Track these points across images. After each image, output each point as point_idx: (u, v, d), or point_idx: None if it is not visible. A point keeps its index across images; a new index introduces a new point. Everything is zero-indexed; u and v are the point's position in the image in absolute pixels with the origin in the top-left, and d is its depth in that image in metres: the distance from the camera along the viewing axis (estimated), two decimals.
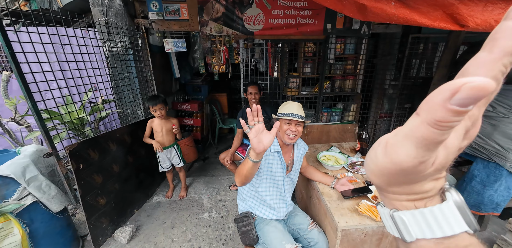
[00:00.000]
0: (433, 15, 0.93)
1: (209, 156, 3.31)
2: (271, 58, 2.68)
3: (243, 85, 2.58)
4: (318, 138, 2.36)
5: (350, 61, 2.53)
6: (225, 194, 2.34)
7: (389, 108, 2.55)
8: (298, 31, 2.37)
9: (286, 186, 1.28)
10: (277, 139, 1.26)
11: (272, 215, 1.24)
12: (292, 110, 1.18)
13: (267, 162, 1.22)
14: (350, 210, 1.14)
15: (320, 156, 1.64)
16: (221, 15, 2.18)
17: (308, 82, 2.56)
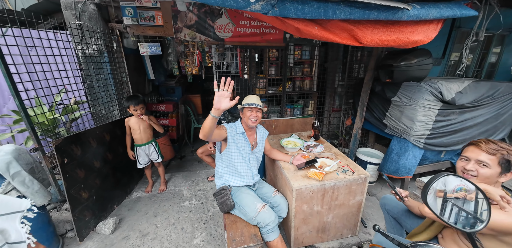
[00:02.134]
0: (342, 36, 1.38)
1: (185, 154, 3.45)
2: (241, 61, 3.01)
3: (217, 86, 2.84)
4: (284, 130, 2.76)
5: (307, 65, 3.01)
6: (204, 185, 2.55)
7: (339, 103, 3.10)
8: (263, 39, 2.75)
9: (251, 160, 1.61)
10: (242, 124, 1.60)
11: (243, 182, 1.55)
12: (252, 100, 1.52)
13: (235, 140, 1.55)
14: (302, 177, 1.51)
15: (282, 141, 2.01)
16: (194, 23, 2.43)
17: (273, 83, 2.96)
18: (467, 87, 1.84)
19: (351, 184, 1.49)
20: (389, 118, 2.17)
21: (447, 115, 1.87)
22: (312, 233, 1.58)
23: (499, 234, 0.83)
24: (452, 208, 0.73)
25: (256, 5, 1.29)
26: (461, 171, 0.96)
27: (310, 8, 1.28)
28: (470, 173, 0.93)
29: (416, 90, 1.90)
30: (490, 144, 0.90)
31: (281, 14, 1.32)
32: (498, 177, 0.89)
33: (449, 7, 1.38)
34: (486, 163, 0.89)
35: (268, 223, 1.32)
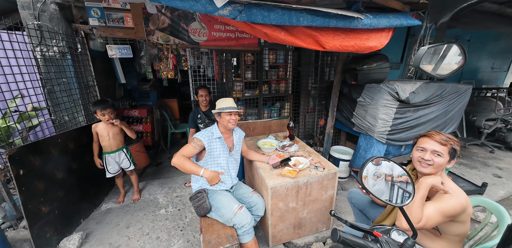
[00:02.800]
0: (307, 41, 1.49)
1: (162, 161, 3.32)
2: (217, 65, 3.03)
3: (192, 89, 2.82)
4: (262, 132, 2.81)
5: (282, 68, 3.14)
6: (181, 191, 2.47)
7: (313, 105, 3.26)
8: (238, 43, 2.81)
9: (230, 164, 1.61)
10: (219, 128, 1.60)
11: (221, 186, 1.55)
12: (229, 104, 1.54)
13: (212, 147, 1.53)
14: (277, 175, 1.55)
15: (259, 142, 2.06)
16: (167, 26, 2.40)
17: (250, 86, 3.02)
18: (419, 88, 2.08)
19: (323, 180, 1.57)
20: (356, 117, 2.34)
21: (404, 113, 2.08)
22: (289, 230, 1.63)
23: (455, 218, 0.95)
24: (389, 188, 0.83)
25: (224, 10, 1.33)
26: (418, 161, 1.06)
27: (275, 15, 1.36)
28: (428, 163, 1.02)
29: (377, 91, 2.09)
30: (441, 136, 1.03)
31: (249, 19, 1.38)
32: (446, 164, 1.03)
33: (397, 17, 1.57)
34: (440, 153, 1.00)
35: (244, 224, 1.33)
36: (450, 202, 0.94)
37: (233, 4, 1.34)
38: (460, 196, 0.95)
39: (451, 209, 0.93)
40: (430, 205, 0.97)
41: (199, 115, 2.43)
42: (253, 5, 1.34)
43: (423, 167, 1.03)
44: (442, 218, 0.94)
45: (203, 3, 1.28)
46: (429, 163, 1.01)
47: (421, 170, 1.04)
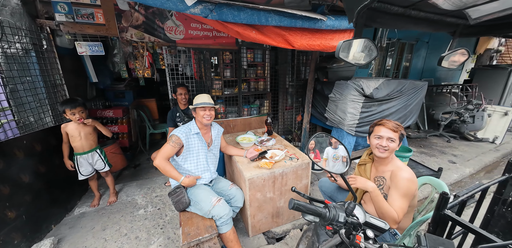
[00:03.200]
0: (277, 40, 1.59)
1: (140, 163, 3.23)
2: (195, 63, 3.04)
3: (170, 88, 2.80)
4: (242, 129, 2.87)
5: (260, 67, 3.23)
6: (161, 191, 2.44)
7: (291, 102, 3.41)
8: (216, 42, 2.84)
9: (209, 159, 1.65)
10: (196, 124, 1.63)
11: (200, 181, 1.59)
12: (204, 100, 1.59)
13: (190, 143, 1.56)
14: (254, 167, 1.63)
15: (238, 138, 2.12)
16: (142, 23, 2.36)
17: (229, 84, 3.07)
18: (381, 84, 2.29)
19: (297, 170, 1.68)
20: (328, 112, 2.51)
21: (369, 107, 2.28)
22: (268, 219, 1.71)
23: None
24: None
25: (195, 8, 1.38)
26: (376, 147, 1.20)
27: (245, 14, 1.44)
28: (385, 148, 1.16)
29: (345, 87, 2.27)
30: (392, 123, 1.18)
31: (220, 18, 1.44)
32: (396, 148, 1.18)
33: None
34: (394, 139, 1.15)
35: (222, 215, 1.39)
36: (407, 182, 1.07)
37: (204, 3, 1.39)
38: (408, 170, 1.11)
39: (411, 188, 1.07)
40: (394, 195, 1.10)
41: (177, 113, 2.43)
42: (223, 4, 1.40)
43: (381, 152, 1.17)
44: (408, 201, 1.08)
45: (174, 1, 1.31)
46: (386, 148, 1.16)
47: (379, 155, 1.18)
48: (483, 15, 0.59)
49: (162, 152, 1.49)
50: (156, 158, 1.47)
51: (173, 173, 1.49)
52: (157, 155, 1.48)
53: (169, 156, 1.52)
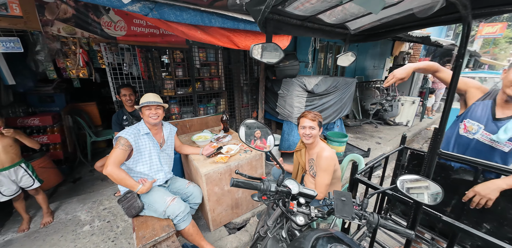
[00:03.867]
0: (223, 40, 1.68)
1: (81, 176, 2.82)
2: (142, 62, 2.84)
3: (113, 89, 2.55)
4: (199, 128, 2.85)
5: (213, 66, 3.25)
6: (110, 203, 2.21)
7: (247, 100, 3.56)
8: (164, 40, 2.71)
9: (162, 159, 1.62)
10: (146, 124, 1.58)
11: (154, 183, 1.53)
12: (149, 99, 1.54)
13: (139, 144, 1.50)
14: (210, 163, 1.68)
15: (193, 137, 2.12)
16: (72, 16, 2.07)
17: (182, 84, 2.99)
18: (320, 81, 2.65)
19: (252, 161, 1.81)
20: (279, 107, 2.75)
21: (312, 101, 2.61)
22: (228, 211, 1.79)
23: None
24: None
25: (133, 6, 1.33)
26: (303, 136, 1.43)
27: (188, 15, 1.47)
28: (309, 136, 1.40)
29: (291, 84, 2.53)
30: (311, 114, 1.41)
31: (162, 17, 1.43)
32: (318, 133, 1.42)
33: None
34: (313, 127, 1.39)
35: (178, 213, 1.39)
36: (327, 159, 1.32)
37: (142, 1, 1.35)
38: (329, 149, 1.37)
39: (330, 164, 1.32)
40: (318, 171, 1.36)
41: (124, 116, 2.25)
42: (163, 4, 1.39)
43: (307, 139, 1.40)
44: (329, 175, 1.33)
45: None
46: (310, 135, 1.39)
47: (306, 141, 1.42)
48: (359, 27, 0.82)
49: (112, 158, 1.37)
50: (107, 166, 1.34)
51: (129, 181, 1.39)
52: (108, 162, 1.35)
53: (121, 162, 1.41)
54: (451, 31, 9.41)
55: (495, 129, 1.07)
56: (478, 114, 1.13)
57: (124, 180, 1.37)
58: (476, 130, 1.13)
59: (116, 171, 1.35)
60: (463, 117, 1.19)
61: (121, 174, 1.37)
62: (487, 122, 1.10)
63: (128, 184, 1.39)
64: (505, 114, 1.06)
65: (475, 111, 1.14)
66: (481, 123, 1.11)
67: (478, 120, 1.13)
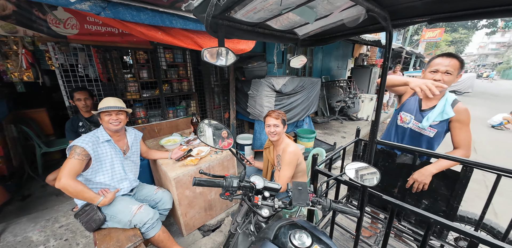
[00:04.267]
0: (186, 42, 1.67)
1: (31, 192, 2.49)
2: (100, 63, 2.64)
3: (65, 93, 2.31)
4: (169, 132, 2.75)
5: (182, 67, 3.16)
6: (67, 219, 2.00)
7: (218, 101, 3.54)
8: (124, 40, 2.52)
9: (126, 167, 1.53)
10: (106, 131, 1.47)
11: (118, 192, 1.45)
12: (109, 103, 1.44)
13: (98, 152, 1.40)
14: (180, 166, 1.65)
15: (161, 141, 2.04)
16: (12, 13, 1.81)
17: (148, 86, 2.85)
18: (288, 81, 2.78)
19: (223, 161, 1.82)
20: (250, 107, 2.81)
21: (281, 100, 2.73)
22: (201, 214, 1.77)
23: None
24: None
25: (82, 4, 1.25)
26: (268, 134, 1.51)
27: (146, 15, 1.42)
28: (274, 133, 1.49)
29: (260, 85, 2.61)
30: (275, 113, 1.50)
31: (117, 16, 1.36)
32: (283, 130, 1.50)
33: None
34: (278, 125, 1.47)
35: (146, 221, 1.34)
36: (290, 154, 1.42)
37: (93, 0, 1.27)
38: (293, 145, 1.47)
39: (293, 158, 1.41)
40: (282, 165, 1.45)
41: (80, 122, 2.06)
42: (117, 3, 1.33)
43: (272, 136, 1.49)
44: (291, 168, 1.42)
45: None
46: (274, 133, 1.47)
47: (272, 139, 1.51)
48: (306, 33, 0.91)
49: (66, 169, 1.24)
50: (61, 178, 1.21)
51: (87, 194, 1.28)
52: (61, 174, 1.22)
53: (77, 173, 1.29)
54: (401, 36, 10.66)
55: (421, 119, 1.29)
56: (409, 107, 1.36)
57: (81, 193, 1.26)
58: (409, 121, 1.35)
59: (71, 184, 1.23)
60: (399, 110, 1.41)
61: (78, 187, 1.26)
62: (416, 113, 1.32)
63: (86, 197, 1.29)
64: (428, 106, 1.30)
65: (408, 105, 1.37)
66: (412, 114, 1.34)
67: (410, 112, 1.35)
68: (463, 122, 1.21)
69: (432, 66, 1.20)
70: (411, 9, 0.68)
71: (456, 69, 1.15)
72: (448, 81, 1.16)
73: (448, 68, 1.15)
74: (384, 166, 1.54)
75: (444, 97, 1.25)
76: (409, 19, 0.74)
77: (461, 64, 1.16)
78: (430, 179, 1.26)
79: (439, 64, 1.18)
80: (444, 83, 1.14)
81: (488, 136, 4.74)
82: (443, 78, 1.16)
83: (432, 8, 0.65)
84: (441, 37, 9.56)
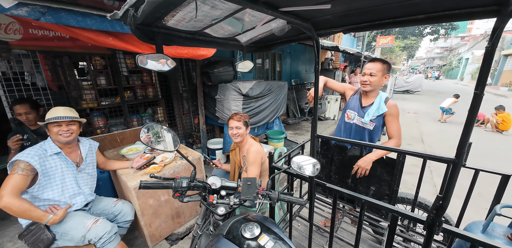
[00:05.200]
0: (142, 47, 1.65)
1: None
2: (48, 70, 2.43)
3: (8, 104, 2.08)
4: (133, 141, 2.62)
5: (145, 73, 3.05)
6: (15, 244, 1.77)
7: (188, 106, 3.49)
8: (76, 45, 2.36)
9: (80, 180, 1.43)
10: (55, 143, 1.37)
11: (71, 208, 1.34)
12: (57, 113, 1.34)
13: (46, 166, 1.29)
14: (141, 175, 1.59)
15: (122, 151, 1.95)
16: None
17: (108, 93, 2.69)
18: (254, 85, 2.87)
19: (189, 166, 1.81)
20: (218, 111, 2.84)
21: (249, 103, 2.81)
22: (168, 223, 1.73)
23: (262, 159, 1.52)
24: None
25: (19, 10, 1.17)
26: (232, 136, 1.58)
27: (93, 21, 1.38)
28: (236, 135, 1.55)
29: (226, 89, 2.66)
30: (237, 115, 1.57)
31: (59, 22, 1.29)
32: (245, 132, 1.57)
33: None
34: (240, 126, 1.54)
35: (102, 235, 1.26)
36: (253, 153, 1.49)
37: (30, 5, 1.20)
38: (256, 145, 1.55)
39: (256, 158, 1.48)
40: (248, 166, 1.51)
41: (25, 135, 1.85)
42: (59, 9, 1.27)
43: (235, 138, 1.56)
44: (257, 166, 1.49)
45: None
46: (237, 135, 1.54)
47: (235, 140, 1.58)
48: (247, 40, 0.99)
49: (9, 187, 1.13)
50: (3, 196, 1.10)
51: (34, 213, 1.16)
52: (2, 192, 1.11)
53: (21, 190, 1.17)
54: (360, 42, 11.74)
55: (363, 114, 1.48)
56: (352, 105, 1.55)
57: (27, 212, 1.15)
58: (353, 117, 1.53)
59: (15, 202, 1.12)
60: (345, 108, 1.59)
61: (23, 205, 1.14)
62: (358, 110, 1.52)
63: (33, 216, 1.17)
64: (367, 103, 1.50)
65: (351, 103, 1.56)
66: (355, 111, 1.52)
67: (353, 109, 1.54)
68: (393, 115, 1.43)
69: (364, 70, 1.42)
70: (328, 21, 0.80)
71: (379, 71, 1.36)
72: (373, 81, 1.38)
73: (371, 71, 1.37)
74: (339, 159, 1.69)
75: (379, 96, 1.46)
76: (328, 29, 0.88)
77: (385, 66, 1.38)
78: (370, 165, 1.44)
79: (366, 68, 1.40)
80: (370, 83, 1.37)
81: (435, 128, 5.45)
82: (369, 79, 1.38)
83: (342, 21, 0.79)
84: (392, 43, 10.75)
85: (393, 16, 0.70)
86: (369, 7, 0.65)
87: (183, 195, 0.90)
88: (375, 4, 0.63)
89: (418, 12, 0.65)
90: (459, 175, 0.70)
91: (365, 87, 1.42)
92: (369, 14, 0.73)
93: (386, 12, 0.68)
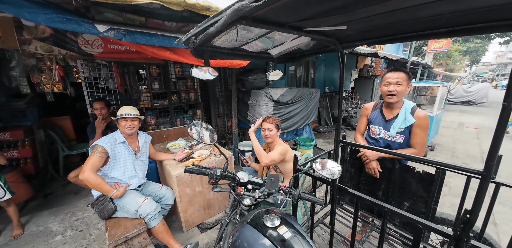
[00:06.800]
0: (191, 58, 1.96)
1: (53, 191, 2.78)
2: (119, 76, 3.01)
3: (89, 103, 2.66)
4: (176, 137, 3.00)
5: (189, 79, 3.49)
6: (83, 213, 2.24)
7: (223, 110, 3.80)
8: (140, 56, 2.91)
9: (136, 166, 1.76)
10: (122, 134, 1.74)
11: (128, 187, 1.66)
12: (125, 111, 1.72)
13: (116, 152, 1.65)
14: (182, 167, 1.85)
15: (168, 145, 2.28)
16: (50, 36, 2.21)
17: (159, 96, 3.17)
18: (285, 92, 2.99)
19: (221, 163, 2.01)
20: (250, 115, 3.03)
21: (279, 109, 2.93)
22: (200, 212, 1.93)
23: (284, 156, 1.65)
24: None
25: (108, 33, 1.57)
26: (264, 136, 1.71)
27: (157, 39, 1.73)
28: (267, 136, 1.69)
29: (259, 95, 2.84)
30: (270, 118, 1.70)
31: (134, 41, 1.67)
32: (276, 134, 1.69)
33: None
34: (271, 128, 1.67)
35: (149, 212, 1.52)
36: (279, 148, 1.61)
37: (116, 29, 1.59)
38: (284, 145, 1.65)
39: (282, 150, 1.60)
40: (273, 151, 1.63)
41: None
42: (135, 31, 1.64)
43: (267, 139, 1.68)
44: (279, 155, 1.60)
45: (87, 26, 1.46)
46: (268, 136, 1.67)
47: (267, 141, 1.70)
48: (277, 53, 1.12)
49: (89, 164, 1.49)
50: (85, 171, 1.46)
51: (104, 186, 1.50)
52: (84, 168, 1.47)
53: (97, 168, 1.53)
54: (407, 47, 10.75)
55: (389, 127, 1.44)
56: (376, 120, 1.51)
57: (100, 185, 1.49)
58: (378, 132, 1.49)
59: (93, 177, 1.47)
60: (368, 125, 1.58)
61: (98, 179, 1.49)
62: (383, 124, 1.47)
63: (103, 189, 1.51)
64: (392, 115, 1.44)
65: (373, 119, 1.52)
66: (380, 125, 1.48)
67: (378, 124, 1.50)
68: (421, 127, 1.34)
69: (385, 80, 1.37)
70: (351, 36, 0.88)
71: (404, 80, 1.31)
72: (400, 91, 1.33)
73: (398, 80, 1.31)
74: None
75: (404, 106, 1.40)
76: (352, 42, 0.94)
77: (408, 76, 1.33)
78: (375, 158, 1.43)
79: (389, 77, 1.34)
80: (397, 93, 1.32)
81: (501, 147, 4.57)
82: (396, 89, 1.33)
83: (365, 35, 0.85)
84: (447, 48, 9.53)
85: (415, 30, 0.73)
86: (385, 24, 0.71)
87: (216, 182, 1.06)
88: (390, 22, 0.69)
89: (440, 27, 0.68)
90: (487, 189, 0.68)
91: (391, 98, 1.35)
92: (390, 29, 0.79)
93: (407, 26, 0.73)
